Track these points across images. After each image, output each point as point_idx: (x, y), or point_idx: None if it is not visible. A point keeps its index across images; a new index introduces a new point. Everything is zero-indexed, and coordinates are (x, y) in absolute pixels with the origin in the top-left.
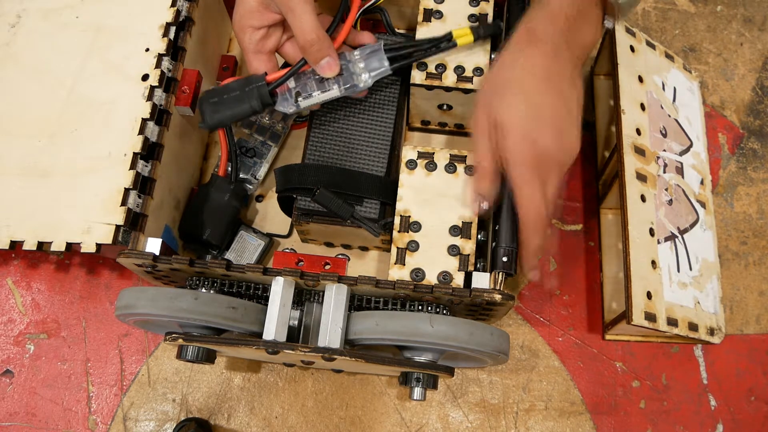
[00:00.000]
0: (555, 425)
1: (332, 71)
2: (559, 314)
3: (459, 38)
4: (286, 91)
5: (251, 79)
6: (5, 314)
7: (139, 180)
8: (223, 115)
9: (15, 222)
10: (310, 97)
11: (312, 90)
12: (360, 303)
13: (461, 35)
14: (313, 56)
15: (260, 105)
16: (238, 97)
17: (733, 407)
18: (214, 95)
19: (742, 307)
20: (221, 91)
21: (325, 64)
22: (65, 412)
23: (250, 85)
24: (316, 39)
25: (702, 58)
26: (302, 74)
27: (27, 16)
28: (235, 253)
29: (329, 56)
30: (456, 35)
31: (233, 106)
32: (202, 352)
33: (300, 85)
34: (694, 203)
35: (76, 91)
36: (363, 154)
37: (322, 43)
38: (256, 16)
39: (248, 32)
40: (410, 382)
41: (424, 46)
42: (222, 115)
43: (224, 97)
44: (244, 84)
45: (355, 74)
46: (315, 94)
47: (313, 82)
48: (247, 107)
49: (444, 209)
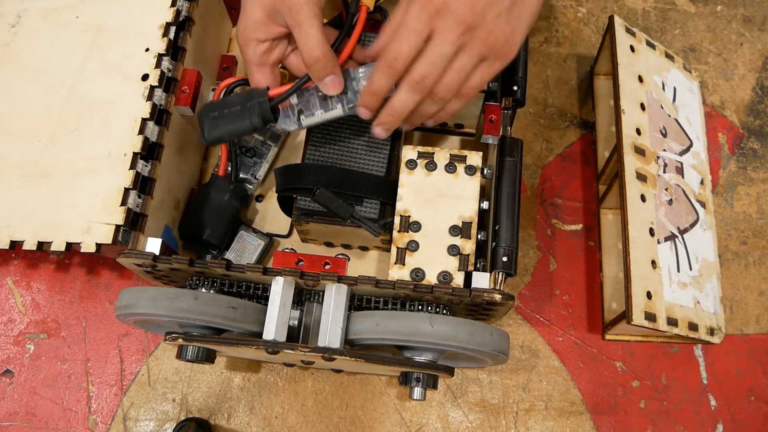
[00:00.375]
0: (555, 425)
1: (336, 89)
2: (559, 314)
3: None
4: (288, 107)
5: (253, 93)
6: (5, 314)
7: (139, 180)
8: (223, 131)
9: (15, 222)
10: (313, 116)
11: (315, 108)
12: (360, 303)
13: None
14: (317, 73)
15: (261, 122)
16: (238, 113)
17: (733, 407)
18: (214, 109)
19: (742, 307)
20: (221, 105)
21: (329, 82)
22: (65, 412)
23: (251, 100)
24: (322, 56)
25: (702, 58)
26: (305, 90)
27: (27, 16)
28: (235, 253)
29: (333, 74)
30: None
31: (233, 121)
32: (202, 352)
33: (303, 103)
34: (694, 203)
35: (76, 91)
36: (363, 154)
37: (327, 60)
38: (261, 28)
39: (252, 45)
40: (410, 382)
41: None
42: (221, 131)
43: (224, 112)
44: (245, 99)
45: (359, 93)
46: (318, 113)
47: (316, 100)
48: (247, 123)
49: (444, 209)
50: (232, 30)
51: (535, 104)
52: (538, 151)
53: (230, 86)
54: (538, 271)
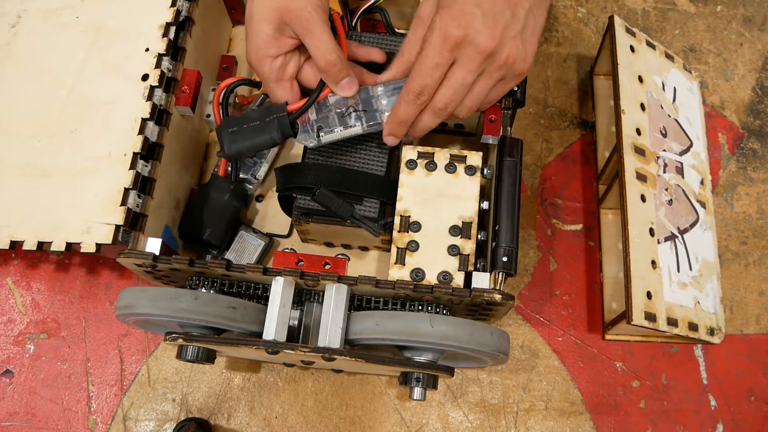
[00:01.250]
0: (555, 425)
1: (352, 90)
2: (559, 314)
3: None
4: (307, 123)
5: (272, 108)
6: (5, 314)
7: (138, 180)
8: (242, 145)
9: (15, 222)
10: (332, 133)
11: (334, 125)
12: (360, 303)
13: None
14: (333, 77)
15: (281, 136)
16: (258, 128)
17: (733, 407)
18: (234, 124)
19: (742, 307)
20: (241, 121)
21: (345, 84)
22: (65, 412)
23: (270, 115)
24: (337, 59)
25: (702, 58)
26: (323, 106)
27: (27, 16)
28: (235, 253)
29: (349, 76)
30: None
31: (253, 136)
32: (202, 352)
33: (321, 119)
34: (694, 203)
35: (76, 91)
36: (363, 154)
37: (342, 63)
38: (273, 44)
39: (268, 62)
40: (410, 382)
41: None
42: (241, 145)
43: (244, 127)
44: (264, 114)
45: (378, 112)
46: (337, 130)
47: (335, 117)
48: (267, 138)
49: (444, 209)
50: (232, 30)
51: (535, 104)
52: (538, 151)
53: (230, 86)
54: (538, 271)
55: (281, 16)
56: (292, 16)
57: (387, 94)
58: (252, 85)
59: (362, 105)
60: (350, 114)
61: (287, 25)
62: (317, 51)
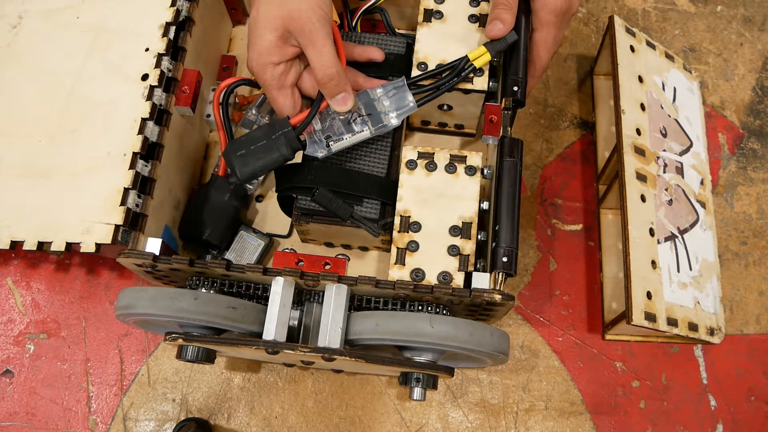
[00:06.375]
0: (555, 425)
1: (347, 106)
2: (559, 314)
3: (477, 60)
4: (314, 133)
5: (275, 124)
6: (5, 314)
7: (138, 180)
8: (255, 167)
9: (15, 222)
10: (342, 141)
11: (341, 133)
12: (360, 303)
13: (478, 56)
14: (330, 90)
15: (291, 151)
16: (265, 146)
17: (733, 407)
18: (240, 147)
19: (742, 307)
20: (247, 142)
21: (341, 99)
22: (65, 412)
23: (275, 131)
24: (336, 74)
25: (702, 58)
26: (326, 114)
27: (28, 16)
28: (235, 253)
29: (345, 91)
30: (472, 57)
31: (263, 156)
32: (202, 352)
33: (328, 128)
34: (694, 203)
35: (76, 92)
36: (363, 154)
37: (340, 78)
38: (275, 51)
39: (269, 69)
40: (410, 382)
41: (446, 78)
42: (253, 168)
43: (251, 148)
44: (269, 132)
45: (382, 114)
46: (346, 137)
47: (340, 124)
48: (277, 156)
49: (444, 209)
50: (233, 30)
51: (535, 104)
52: (538, 151)
53: (230, 86)
54: (538, 271)
55: (286, 24)
56: (296, 24)
57: (388, 94)
58: (252, 85)
59: (365, 109)
60: (355, 120)
61: (291, 33)
62: (317, 63)
